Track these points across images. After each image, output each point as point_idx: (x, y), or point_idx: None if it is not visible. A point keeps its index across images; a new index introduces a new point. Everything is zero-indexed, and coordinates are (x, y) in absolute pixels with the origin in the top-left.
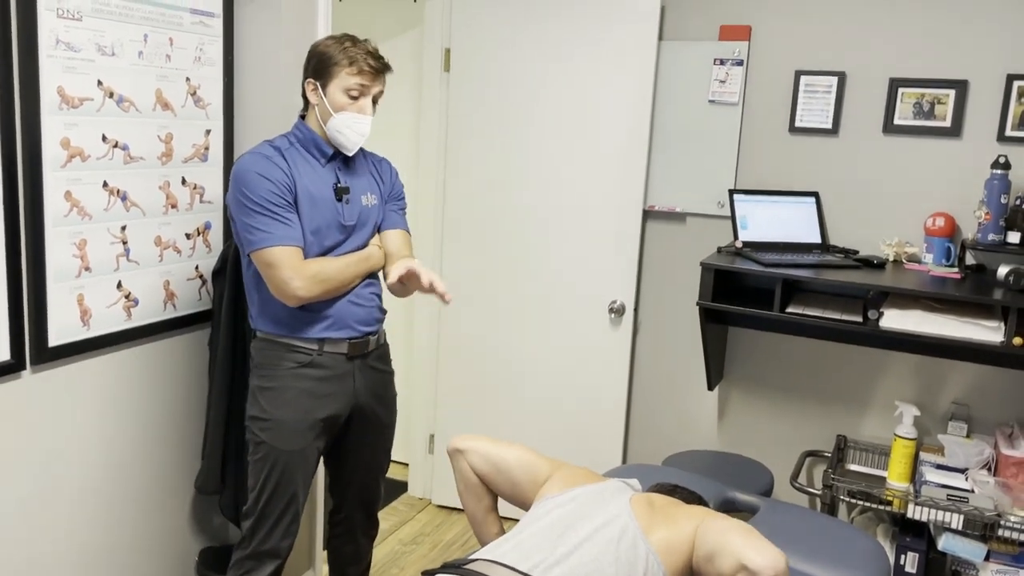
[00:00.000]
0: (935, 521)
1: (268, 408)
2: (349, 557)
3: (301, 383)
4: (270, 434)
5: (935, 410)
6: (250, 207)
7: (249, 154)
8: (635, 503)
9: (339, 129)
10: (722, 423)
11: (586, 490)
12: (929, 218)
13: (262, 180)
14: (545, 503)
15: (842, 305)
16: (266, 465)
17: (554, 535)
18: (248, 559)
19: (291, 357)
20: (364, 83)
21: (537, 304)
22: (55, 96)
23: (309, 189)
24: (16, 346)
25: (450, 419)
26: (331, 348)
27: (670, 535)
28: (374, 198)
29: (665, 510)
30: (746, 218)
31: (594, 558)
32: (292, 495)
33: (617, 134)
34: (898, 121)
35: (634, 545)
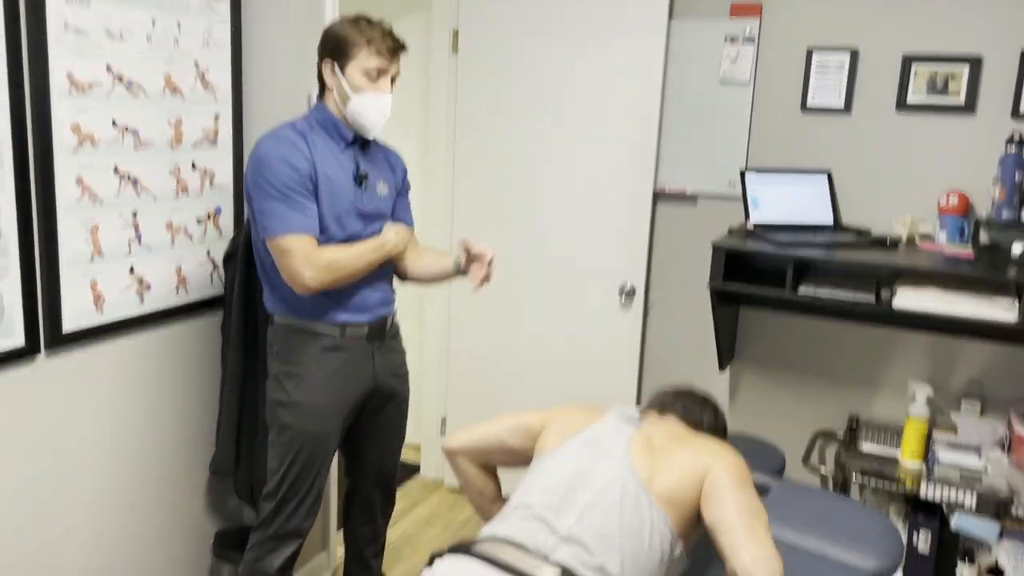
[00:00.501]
0: (948, 500)
1: (294, 393)
2: (366, 537)
3: (325, 368)
4: (296, 418)
5: (948, 389)
6: (269, 192)
7: (271, 137)
8: (634, 448)
9: (359, 111)
10: (733, 404)
11: (583, 441)
12: (942, 196)
13: (284, 165)
14: (544, 463)
15: (854, 285)
16: (291, 448)
17: (556, 503)
18: (269, 540)
19: (315, 343)
20: (383, 64)
21: (547, 287)
22: (64, 81)
23: (329, 175)
24: (31, 331)
25: (461, 402)
26: (352, 332)
27: (672, 485)
28: (387, 188)
29: (666, 451)
30: (758, 198)
31: (597, 529)
32: (316, 476)
33: (627, 115)
34: (911, 98)
35: (637, 506)
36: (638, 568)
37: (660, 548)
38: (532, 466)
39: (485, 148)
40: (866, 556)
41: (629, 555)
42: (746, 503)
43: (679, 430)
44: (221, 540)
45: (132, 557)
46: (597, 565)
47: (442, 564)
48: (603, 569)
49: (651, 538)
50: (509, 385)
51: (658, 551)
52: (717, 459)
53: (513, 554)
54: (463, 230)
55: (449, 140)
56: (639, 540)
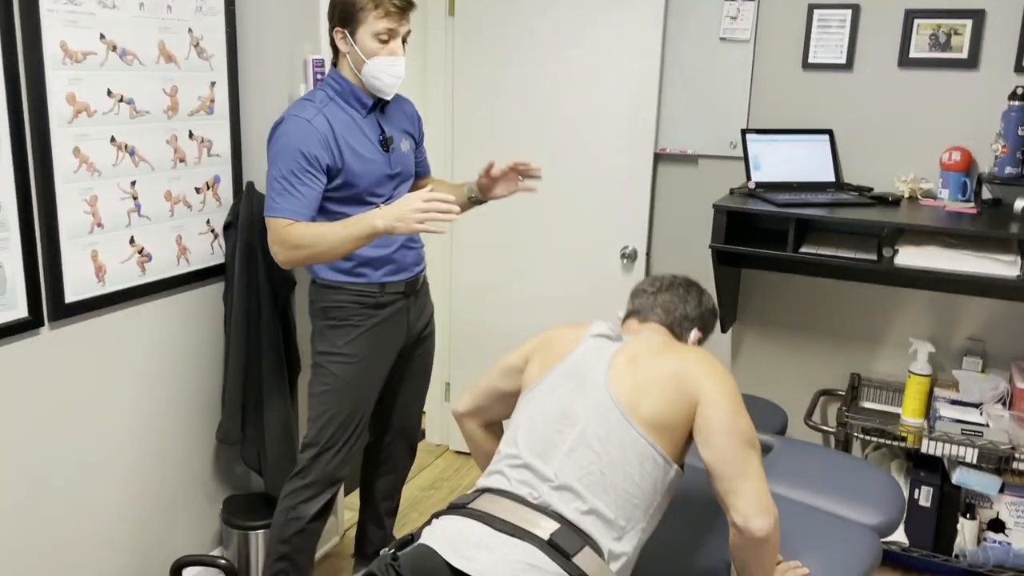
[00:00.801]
0: (949, 455)
1: (338, 344)
2: (385, 490)
3: (368, 321)
4: (341, 368)
5: (950, 346)
6: (274, 175)
7: (291, 116)
8: (615, 374)
9: (374, 75)
10: (736, 365)
11: (563, 372)
12: (945, 152)
13: (295, 154)
14: (527, 403)
15: (856, 243)
16: (336, 397)
17: (542, 448)
18: (307, 487)
19: (357, 300)
20: (392, 25)
21: (548, 250)
22: (58, 51)
23: (354, 146)
24: (34, 303)
25: (465, 367)
26: (391, 288)
27: (659, 411)
28: (407, 143)
29: (649, 373)
30: (759, 158)
31: (586, 470)
32: (357, 424)
33: (627, 76)
34: (914, 54)
35: (622, 439)
36: (632, 501)
37: (652, 476)
38: (518, 405)
39: (483, 110)
40: (868, 511)
41: (621, 490)
42: (742, 437)
43: (661, 341)
44: (229, 506)
45: (140, 526)
46: (590, 509)
47: (440, 524)
48: (597, 512)
49: (642, 468)
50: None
51: (650, 479)
52: (708, 384)
53: (509, 509)
54: None
55: (446, 104)
56: (629, 473)
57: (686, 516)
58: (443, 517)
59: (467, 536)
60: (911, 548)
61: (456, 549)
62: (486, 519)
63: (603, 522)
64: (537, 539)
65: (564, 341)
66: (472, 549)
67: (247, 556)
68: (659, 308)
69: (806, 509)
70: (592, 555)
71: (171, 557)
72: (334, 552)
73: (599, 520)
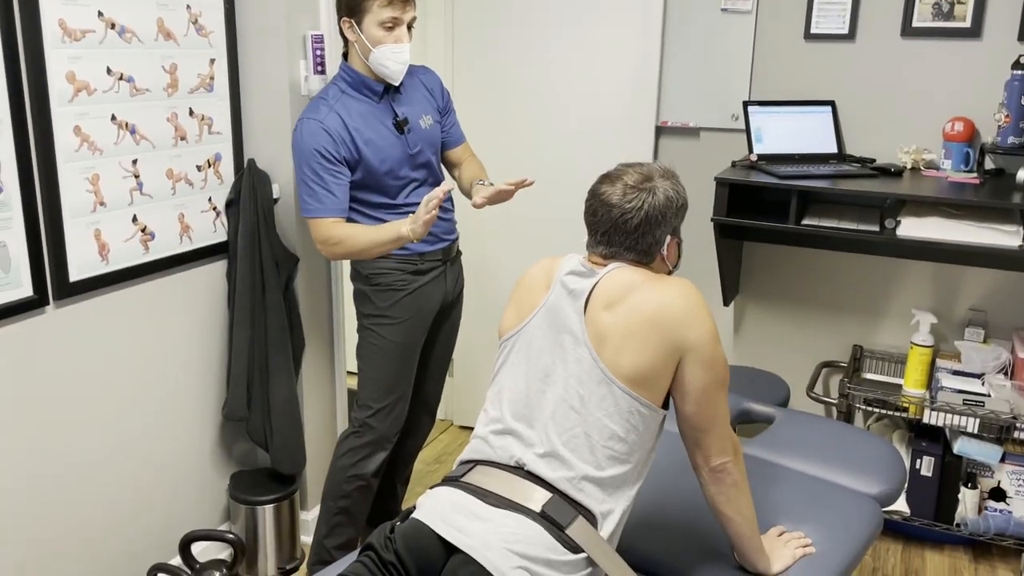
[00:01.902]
0: (951, 425)
1: (383, 306)
2: (403, 457)
3: (411, 284)
4: (386, 329)
5: (952, 317)
6: (302, 178)
7: (305, 120)
8: (592, 324)
9: (381, 62)
10: (738, 338)
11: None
12: (948, 123)
13: (315, 156)
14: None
15: (858, 215)
16: (384, 358)
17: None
18: (366, 446)
19: (399, 267)
20: (396, 13)
21: (550, 226)
22: (57, 29)
23: (370, 136)
24: (38, 282)
25: (469, 344)
26: (429, 256)
27: (640, 366)
28: (429, 118)
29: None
30: (761, 130)
31: (569, 432)
32: (403, 383)
33: (627, 48)
34: (916, 23)
35: (603, 396)
36: (619, 458)
37: (638, 428)
38: (499, 355)
39: (483, 84)
40: (869, 481)
41: (607, 449)
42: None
43: (631, 278)
44: (236, 482)
45: (148, 502)
46: (579, 475)
47: (434, 497)
48: (586, 476)
49: (627, 423)
50: None
51: (635, 432)
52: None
53: (503, 481)
54: None
55: (447, 77)
56: (614, 430)
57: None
58: (437, 489)
59: (458, 509)
60: (912, 517)
61: (448, 521)
62: (478, 492)
63: (593, 484)
64: (530, 511)
65: (538, 283)
66: (464, 520)
67: (255, 531)
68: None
69: (808, 479)
70: (585, 525)
71: (179, 532)
72: None
73: (588, 483)
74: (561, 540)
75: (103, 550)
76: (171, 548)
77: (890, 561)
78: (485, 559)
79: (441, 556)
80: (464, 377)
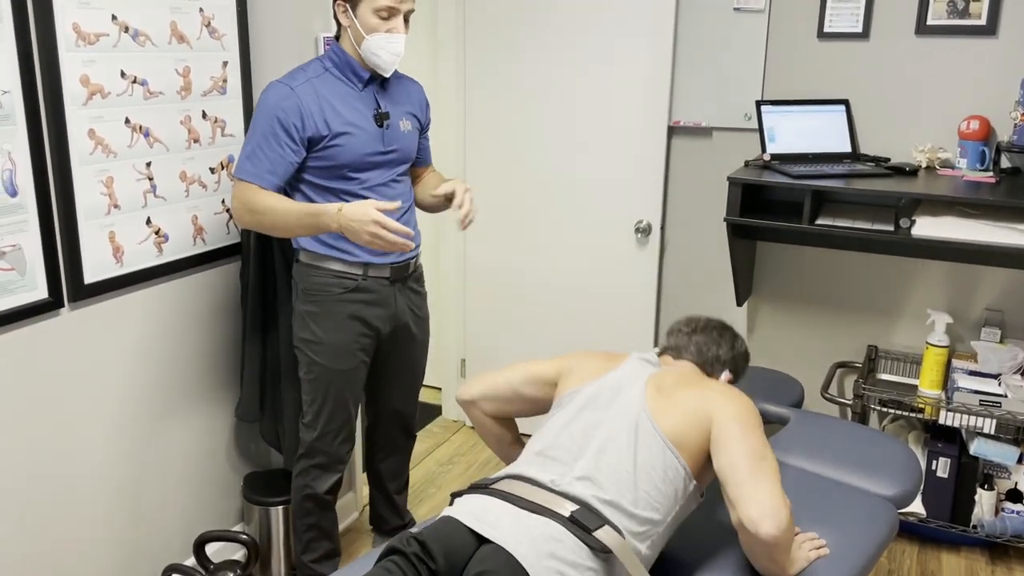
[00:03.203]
0: (967, 426)
1: (318, 332)
2: (389, 472)
3: (348, 307)
4: (322, 355)
5: (968, 317)
6: (250, 136)
7: (277, 82)
8: (649, 391)
9: (374, 51)
10: (752, 338)
11: (602, 385)
12: (963, 121)
13: (271, 120)
14: (561, 407)
15: (873, 215)
16: (321, 384)
17: (573, 447)
18: (315, 468)
19: (337, 283)
20: (393, 3)
21: (562, 226)
22: (71, 33)
23: (347, 117)
24: (53, 284)
25: (480, 343)
26: (375, 273)
27: (682, 425)
28: (409, 124)
29: (674, 394)
30: (774, 130)
31: (612, 467)
32: (346, 408)
33: (640, 47)
34: (931, 21)
35: (650, 444)
36: (652, 504)
37: (674, 484)
38: (552, 411)
39: (495, 86)
40: (884, 483)
41: (643, 490)
42: (752, 450)
43: (691, 374)
44: (250, 483)
45: (162, 503)
46: (610, 500)
47: (462, 502)
48: (616, 504)
49: (665, 474)
50: (526, 326)
51: (672, 488)
52: (724, 405)
53: (529, 490)
54: (475, 167)
55: (459, 78)
56: (653, 476)
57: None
58: (465, 496)
59: (488, 511)
60: (929, 519)
61: (479, 519)
62: (508, 498)
63: (623, 514)
64: (558, 515)
65: (601, 364)
66: (493, 518)
67: (268, 531)
68: (693, 347)
69: (822, 481)
70: (612, 532)
71: (193, 533)
72: (354, 526)
73: (619, 512)
74: (588, 541)
75: (118, 550)
76: (185, 548)
77: (906, 563)
78: (516, 551)
79: (469, 545)
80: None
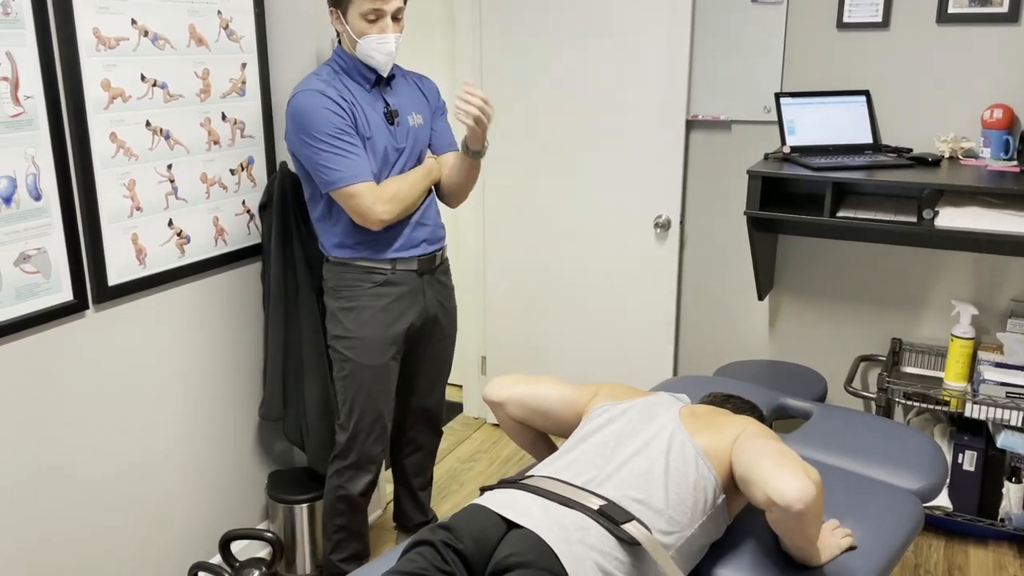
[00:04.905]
0: (993, 419)
1: (351, 327)
2: (414, 468)
3: (379, 301)
4: (355, 351)
5: (993, 308)
6: (318, 146)
7: (302, 92)
8: (683, 414)
9: (367, 53)
10: (773, 332)
11: (636, 403)
12: (986, 110)
13: (326, 113)
14: (596, 417)
15: (895, 206)
16: (353, 381)
17: (607, 451)
18: (348, 468)
19: (368, 278)
20: (378, 5)
21: (581, 222)
22: (91, 38)
23: (368, 117)
24: (78, 287)
25: (500, 340)
26: (403, 266)
27: (713, 441)
28: (419, 118)
29: (709, 418)
30: (794, 122)
31: (645, 471)
32: (376, 406)
33: (657, 41)
34: (952, 9)
35: (683, 452)
36: (682, 507)
37: (704, 494)
38: (583, 422)
39: (513, 79)
40: (909, 476)
41: (674, 493)
42: (775, 447)
43: (724, 411)
44: (274, 481)
45: (188, 501)
46: (640, 499)
47: (491, 494)
48: (646, 503)
49: (696, 482)
50: (547, 322)
51: (702, 495)
52: (750, 426)
53: (559, 487)
54: (494, 165)
55: (476, 72)
56: (684, 482)
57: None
58: (494, 490)
59: (518, 501)
60: (955, 513)
61: (508, 507)
62: (537, 491)
63: (652, 511)
64: (587, 508)
65: (635, 392)
66: (524, 508)
67: (292, 529)
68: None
69: (846, 475)
70: (640, 527)
71: (219, 531)
72: (377, 523)
73: (648, 510)
74: (617, 533)
75: (145, 549)
76: (211, 547)
77: (932, 557)
78: (546, 536)
79: (498, 530)
80: (495, 374)
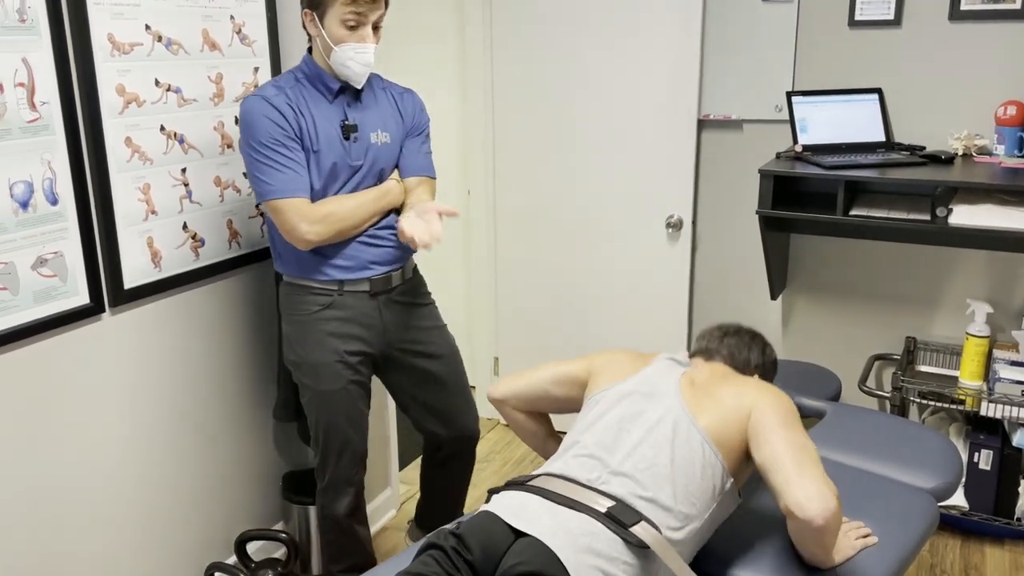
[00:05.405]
0: (1009, 418)
1: (301, 352)
2: (450, 498)
3: (325, 325)
4: (307, 376)
5: (1009, 306)
6: (255, 156)
7: (250, 96)
8: (683, 387)
9: (343, 62)
10: (787, 332)
11: (635, 382)
12: (1000, 107)
13: (265, 121)
14: (595, 404)
15: (908, 204)
16: (312, 406)
17: (609, 441)
18: (327, 490)
19: (312, 300)
20: (360, 10)
21: (593, 222)
22: (106, 43)
23: (319, 127)
24: (94, 290)
25: (512, 341)
26: (351, 288)
27: (719, 421)
28: (386, 136)
29: (709, 390)
30: (805, 121)
31: (649, 463)
32: (341, 430)
33: (668, 41)
34: (965, 6)
35: (688, 440)
36: (691, 499)
37: (712, 481)
38: (584, 408)
39: (523, 79)
40: (924, 475)
41: (681, 485)
42: (793, 440)
43: (724, 371)
44: (289, 482)
45: (204, 503)
46: (649, 496)
47: (499, 498)
48: (655, 500)
49: (703, 471)
50: (559, 322)
51: (710, 484)
52: (761, 398)
53: (566, 487)
54: (504, 167)
55: (486, 77)
56: (691, 472)
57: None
58: (502, 492)
59: (526, 507)
60: (971, 512)
61: (517, 514)
62: (545, 494)
63: (661, 509)
64: (594, 511)
65: (631, 363)
66: (531, 514)
67: (307, 530)
68: (724, 350)
69: (860, 474)
70: (649, 528)
71: (235, 532)
72: (391, 525)
73: (657, 507)
74: (625, 536)
75: (161, 550)
76: (227, 547)
77: (949, 557)
78: (552, 543)
79: (506, 538)
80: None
